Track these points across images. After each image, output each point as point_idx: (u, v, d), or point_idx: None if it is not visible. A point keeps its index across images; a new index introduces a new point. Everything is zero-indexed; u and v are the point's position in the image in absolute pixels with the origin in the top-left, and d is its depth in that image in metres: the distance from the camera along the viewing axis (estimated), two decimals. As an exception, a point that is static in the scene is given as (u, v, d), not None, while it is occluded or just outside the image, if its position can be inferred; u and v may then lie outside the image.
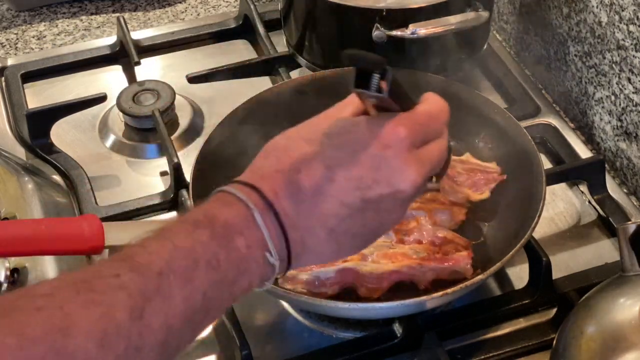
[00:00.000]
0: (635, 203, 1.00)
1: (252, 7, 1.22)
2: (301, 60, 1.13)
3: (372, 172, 0.61)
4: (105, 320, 0.49)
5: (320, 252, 0.62)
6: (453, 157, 0.96)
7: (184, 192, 0.96)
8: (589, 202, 1.00)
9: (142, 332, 0.51)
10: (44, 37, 1.26)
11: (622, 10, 0.96)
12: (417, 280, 0.85)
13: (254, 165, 0.64)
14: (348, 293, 0.84)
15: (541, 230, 0.95)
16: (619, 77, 1.00)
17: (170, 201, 0.99)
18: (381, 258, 0.86)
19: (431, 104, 0.67)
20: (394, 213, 0.64)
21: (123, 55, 1.19)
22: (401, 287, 0.85)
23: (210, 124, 1.08)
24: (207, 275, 0.55)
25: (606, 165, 1.00)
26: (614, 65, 1.00)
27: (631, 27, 0.95)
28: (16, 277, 0.87)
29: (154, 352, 0.52)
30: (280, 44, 1.17)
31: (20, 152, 1.07)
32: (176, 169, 0.97)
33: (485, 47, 1.13)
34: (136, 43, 1.18)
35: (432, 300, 0.78)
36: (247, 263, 0.57)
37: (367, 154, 0.61)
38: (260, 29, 1.20)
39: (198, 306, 0.54)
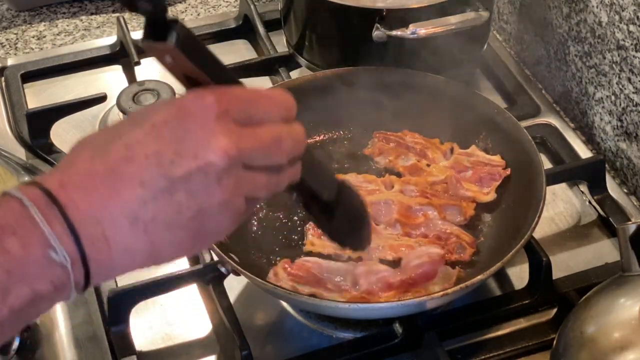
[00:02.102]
0: (635, 203, 1.00)
1: (252, 7, 1.22)
2: (301, 60, 1.13)
3: (174, 145, 0.54)
4: None
5: (130, 247, 0.54)
6: (459, 151, 0.97)
7: (184, 192, 0.96)
8: (589, 202, 1.00)
9: None
10: (44, 37, 1.26)
11: (622, 10, 0.96)
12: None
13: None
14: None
15: (541, 230, 0.95)
16: (619, 77, 1.00)
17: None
18: (387, 249, 0.87)
19: (267, 89, 0.58)
20: (212, 195, 0.55)
21: (123, 55, 1.19)
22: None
23: (210, 124, 1.08)
24: None
25: (606, 165, 1.00)
26: (614, 65, 1.00)
27: (631, 27, 0.95)
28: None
29: None
30: (280, 44, 1.17)
31: (20, 152, 1.07)
32: (176, 169, 0.97)
33: (485, 47, 1.13)
34: (136, 43, 1.17)
35: (432, 300, 0.78)
36: (24, 266, 0.51)
37: (168, 127, 0.55)
38: (260, 29, 1.20)
39: None
